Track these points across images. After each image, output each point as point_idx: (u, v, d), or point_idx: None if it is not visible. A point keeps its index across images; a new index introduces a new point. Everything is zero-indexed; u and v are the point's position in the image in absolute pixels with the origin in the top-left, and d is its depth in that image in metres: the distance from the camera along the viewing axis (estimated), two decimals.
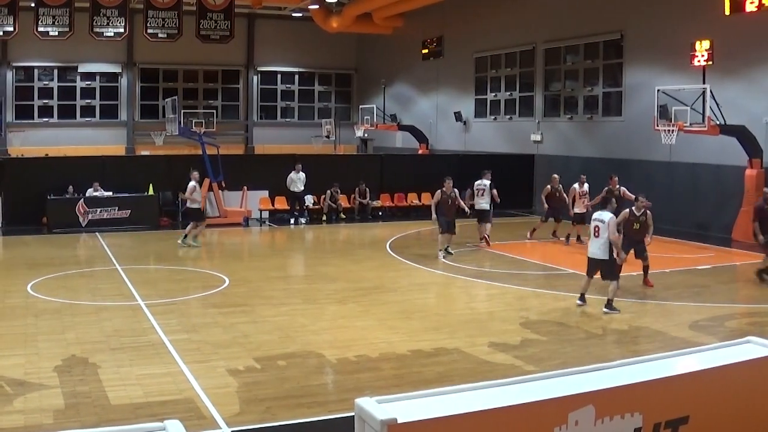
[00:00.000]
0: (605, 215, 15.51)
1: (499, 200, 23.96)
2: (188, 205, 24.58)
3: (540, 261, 21.78)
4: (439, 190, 22.24)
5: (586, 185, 24.29)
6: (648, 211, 17.86)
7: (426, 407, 6.59)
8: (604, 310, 15.51)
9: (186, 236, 23.87)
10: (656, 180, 28.35)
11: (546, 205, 24.80)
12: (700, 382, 7.76)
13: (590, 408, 6.95)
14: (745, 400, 8.01)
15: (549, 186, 24.87)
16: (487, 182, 23.92)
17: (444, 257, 21.77)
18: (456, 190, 22.35)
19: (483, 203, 23.79)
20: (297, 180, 28.81)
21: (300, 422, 9.56)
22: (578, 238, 24.11)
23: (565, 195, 24.61)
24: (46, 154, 35.86)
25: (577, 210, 24.03)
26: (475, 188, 24.06)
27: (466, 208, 23.15)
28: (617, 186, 22.77)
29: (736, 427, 7.92)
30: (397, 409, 6.42)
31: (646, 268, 18.05)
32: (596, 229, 15.55)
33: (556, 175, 25.23)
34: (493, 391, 7.02)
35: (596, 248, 15.61)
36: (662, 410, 7.41)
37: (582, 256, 17.61)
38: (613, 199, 16.83)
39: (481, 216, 23.79)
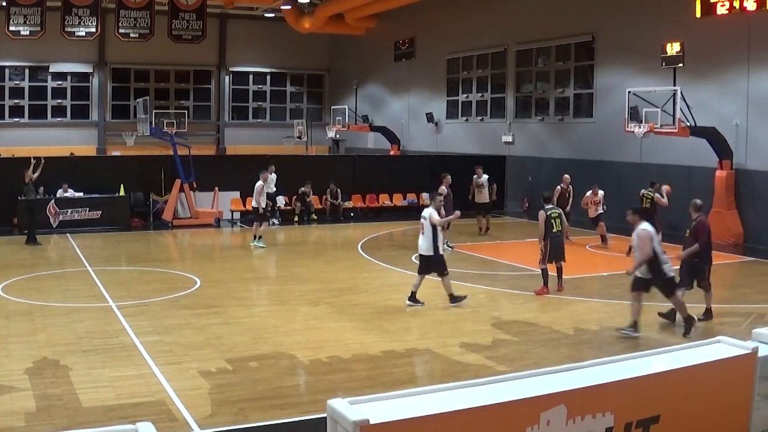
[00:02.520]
0: (427, 211, 15.89)
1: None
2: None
3: (510, 261, 21.85)
4: (446, 186, 22.62)
5: (600, 192, 24.53)
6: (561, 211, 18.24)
7: (398, 408, 6.62)
8: (451, 304, 15.89)
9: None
10: (627, 181, 28.51)
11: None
12: (671, 381, 7.82)
13: (562, 408, 7.00)
14: (715, 399, 8.09)
15: (560, 186, 25.00)
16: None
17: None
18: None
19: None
20: (270, 181, 28.76)
21: (272, 424, 9.55)
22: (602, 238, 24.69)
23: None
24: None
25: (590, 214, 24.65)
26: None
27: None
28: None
29: (707, 427, 8.00)
30: (370, 410, 6.44)
31: (559, 270, 17.63)
32: (421, 225, 15.91)
33: (567, 176, 25.37)
34: (465, 392, 7.06)
35: (422, 244, 15.92)
36: (633, 410, 7.47)
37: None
38: (439, 196, 17.65)
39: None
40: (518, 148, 35.04)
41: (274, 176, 28.65)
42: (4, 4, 31.41)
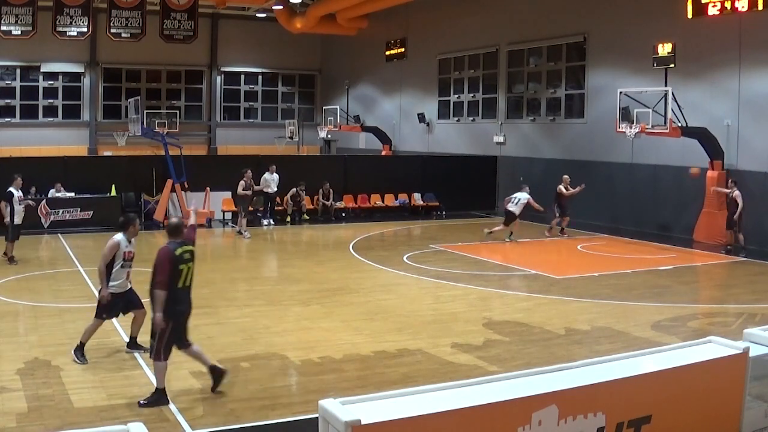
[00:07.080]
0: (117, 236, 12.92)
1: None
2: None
3: (501, 262, 21.87)
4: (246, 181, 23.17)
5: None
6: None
7: (390, 408, 6.62)
8: (75, 354, 11.98)
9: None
10: (618, 181, 28.60)
11: (557, 204, 26.54)
12: (663, 381, 7.84)
13: (553, 408, 7.00)
14: (707, 399, 8.10)
15: (561, 186, 25.97)
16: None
17: None
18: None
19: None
20: (271, 181, 28.76)
21: (264, 424, 9.53)
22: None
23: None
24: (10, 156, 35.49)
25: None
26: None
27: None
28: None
29: (699, 427, 8.01)
30: (361, 410, 6.44)
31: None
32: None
33: (566, 176, 26.43)
34: (457, 392, 7.06)
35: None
36: (625, 410, 7.48)
37: (544, 256, 17.75)
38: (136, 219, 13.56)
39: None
40: (510, 148, 35.05)
41: (276, 176, 28.66)
42: None
